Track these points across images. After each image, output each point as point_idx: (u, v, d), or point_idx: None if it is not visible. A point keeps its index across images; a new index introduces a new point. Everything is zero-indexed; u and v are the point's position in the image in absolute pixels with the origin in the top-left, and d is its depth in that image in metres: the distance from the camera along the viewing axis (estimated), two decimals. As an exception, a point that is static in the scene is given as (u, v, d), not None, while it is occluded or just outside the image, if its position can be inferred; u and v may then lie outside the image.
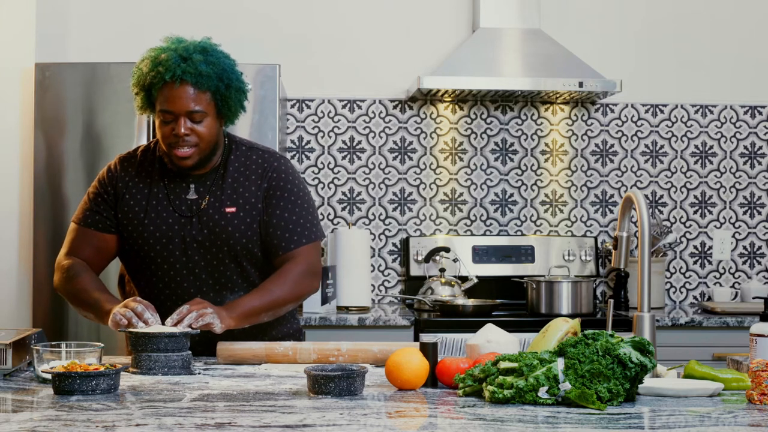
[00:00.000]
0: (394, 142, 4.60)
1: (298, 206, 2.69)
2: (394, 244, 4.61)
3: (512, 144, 4.64)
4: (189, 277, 2.65)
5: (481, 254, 4.50)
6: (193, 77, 2.55)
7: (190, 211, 2.64)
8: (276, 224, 2.66)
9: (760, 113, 4.71)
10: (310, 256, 2.69)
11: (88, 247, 2.70)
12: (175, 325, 2.40)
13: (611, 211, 4.68)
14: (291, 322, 2.84)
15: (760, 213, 4.71)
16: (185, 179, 2.67)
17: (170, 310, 2.51)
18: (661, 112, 4.69)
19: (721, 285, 4.69)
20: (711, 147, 4.70)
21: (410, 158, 4.61)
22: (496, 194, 4.64)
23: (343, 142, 4.59)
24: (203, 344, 2.59)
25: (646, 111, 4.69)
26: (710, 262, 4.71)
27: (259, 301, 2.57)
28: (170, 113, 2.56)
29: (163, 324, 2.43)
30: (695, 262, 4.71)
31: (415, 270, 4.49)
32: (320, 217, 4.55)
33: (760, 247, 4.71)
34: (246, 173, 2.69)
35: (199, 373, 2.32)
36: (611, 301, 2.34)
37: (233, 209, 2.64)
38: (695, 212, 4.70)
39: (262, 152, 2.74)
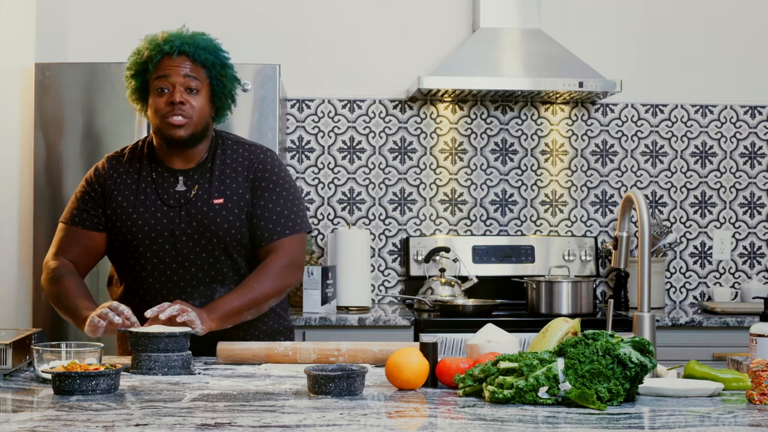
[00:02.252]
0: (394, 142, 4.60)
1: (282, 198, 2.70)
2: (394, 244, 4.61)
3: (512, 144, 4.64)
4: (179, 271, 2.66)
5: (481, 254, 4.50)
6: (191, 48, 2.63)
7: (178, 204, 2.66)
8: (260, 215, 2.68)
9: (760, 113, 4.71)
10: (293, 247, 2.69)
11: (76, 246, 2.71)
12: (155, 317, 2.40)
13: (611, 211, 4.68)
14: (282, 318, 2.83)
15: (760, 213, 4.71)
16: (173, 174, 2.69)
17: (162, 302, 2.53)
18: (661, 112, 4.69)
19: (721, 285, 4.70)
20: (711, 147, 4.70)
21: (410, 158, 4.61)
22: (496, 194, 4.64)
23: (343, 142, 4.59)
24: (201, 344, 2.59)
25: (646, 111, 4.69)
26: (710, 262, 4.71)
27: (239, 300, 2.58)
28: (166, 79, 2.61)
29: (142, 317, 2.44)
30: (695, 262, 4.71)
31: (415, 270, 4.49)
32: (321, 217, 4.55)
33: (760, 247, 4.71)
34: (233, 166, 2.71)
35: (199, 373, 2.32)
36: (611, 301, 2.34)
37: (221, 200, 2.66)
38: (695, 212, 4.70)
39: (249, 146, 2.77)
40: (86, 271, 2.75)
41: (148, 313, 2.42)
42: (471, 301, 4.14)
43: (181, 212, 2.65)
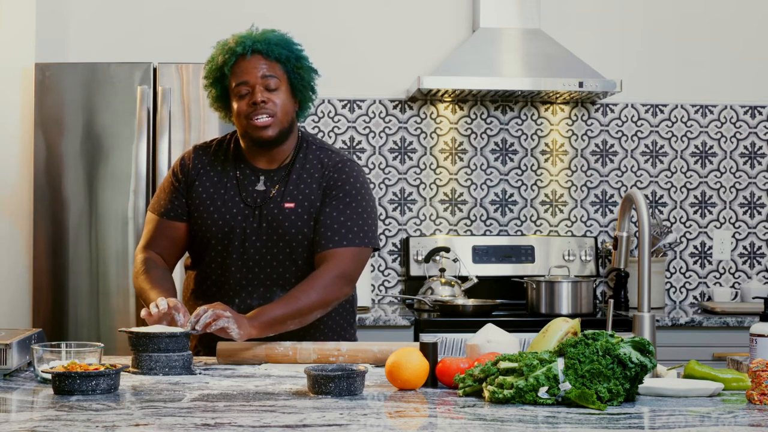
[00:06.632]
0: (394, 142, 4.60)
1: (350, 208, 2.65)
2: (394, 244, 4.61)
3: (512, 144, 4.64)
4: (242, 270, 2.64)
5: (481, 254, 4.50)
6: (263, 45, 2.61)
7: (254, 203, 2.64)
8: (322, 221, 2.63)
9: (760, 113, 4.72)
10: (346, 260, 2.62)
11: (163, 238, 2.71)
12: (194, 327, 2.39)
13: (611, 211, 4.68)
14: (346, 330, 2.78)
15: (760, 213, 4.71)
16: (256, 173, 2.67)
17: (219, 299, 2.58)
18: (661, 112, 4.69)
19: (721, 285, 4.70)
20: (711, 147, 4.70)
21: (410, 158, 4.61)
22: (496, 194, 4.64)
23: (343, 142, 4.59)
24: (203, 344, 2.58)
25: (646, 111, 4.69)
26: (710, 262, 4.71)
27: (282, 310, 2.53)
28: (245, 83, 2.59)
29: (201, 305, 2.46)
30: (695, 262, 4.71)
31: (415, 270, 4.49)
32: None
33: (760, 247, 4.71)
34: (310, 171, 2.67)
35: (199, 373, 2.32)
36: (611, 301, 2.34)
37: (292, 205, 2.63)
38: (695, 212, 4.70)
39: (330, 152, 2.73)
40: (174, 262, 2.76)
41: (187, 327, 2.40)
42: (471, 301, 4.14)
43: (255, 212, 2.64)
